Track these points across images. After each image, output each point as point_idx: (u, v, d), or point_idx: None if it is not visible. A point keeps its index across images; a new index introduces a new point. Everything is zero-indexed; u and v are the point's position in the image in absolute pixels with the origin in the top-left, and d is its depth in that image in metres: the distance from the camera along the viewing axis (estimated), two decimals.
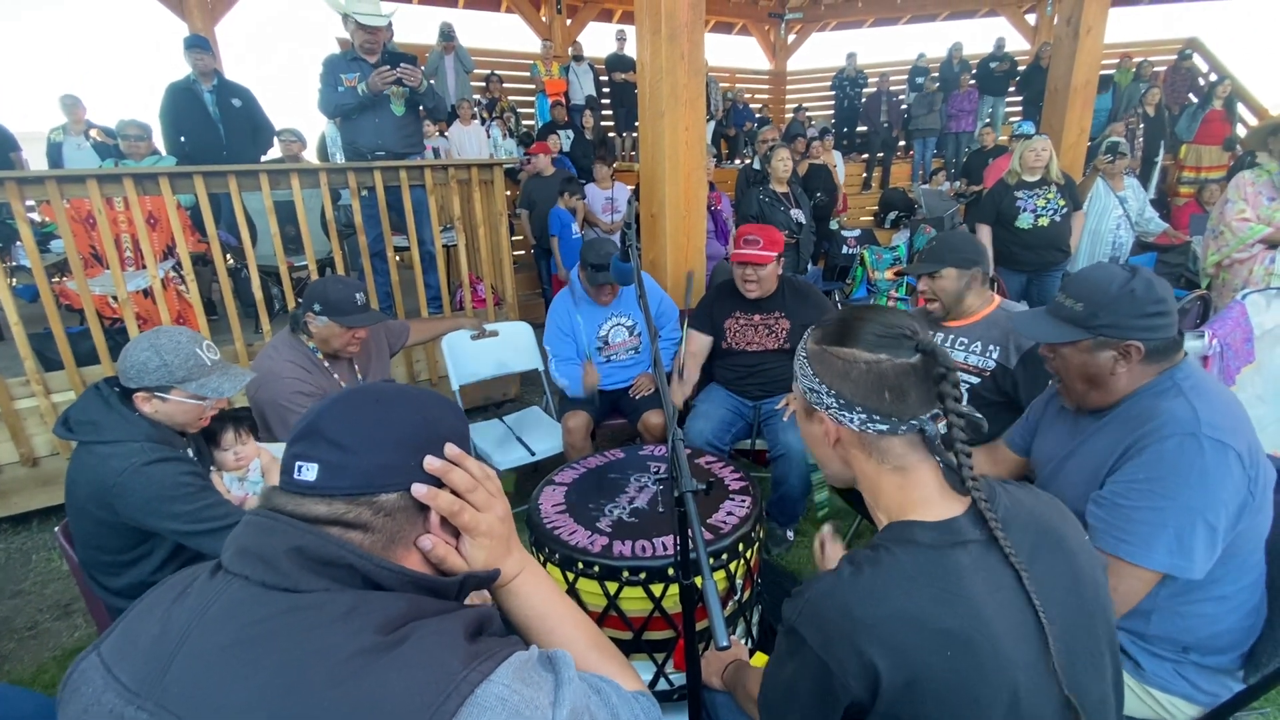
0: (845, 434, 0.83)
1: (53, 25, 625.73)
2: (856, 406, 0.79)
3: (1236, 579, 1.13)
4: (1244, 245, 2.98)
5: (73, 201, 3.08)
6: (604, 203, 5.54)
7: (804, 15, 10.38)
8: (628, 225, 1.40)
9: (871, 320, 0.81)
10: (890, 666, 0.69)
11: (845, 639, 0.71)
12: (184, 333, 1.52)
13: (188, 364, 1.48)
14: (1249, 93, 7.56)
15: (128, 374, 1.45)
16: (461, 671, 0.52)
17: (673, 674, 1.60)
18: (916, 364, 0.77)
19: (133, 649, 0.57)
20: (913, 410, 0.78)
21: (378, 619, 0.54)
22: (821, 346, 0.83)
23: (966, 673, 0.69)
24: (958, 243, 2.03)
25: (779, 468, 2.32)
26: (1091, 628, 0.78)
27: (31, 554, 2.71)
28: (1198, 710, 1.18)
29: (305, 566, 0.56)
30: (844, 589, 0.74)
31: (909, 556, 0.75)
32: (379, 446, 0.63)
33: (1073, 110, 4.06)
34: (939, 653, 0.69)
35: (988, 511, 0.76)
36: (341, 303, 2.01)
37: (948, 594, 0.71)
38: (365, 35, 3.41)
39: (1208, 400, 1.10)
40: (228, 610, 0.55)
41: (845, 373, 0.80)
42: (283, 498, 0.61)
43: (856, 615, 0.71)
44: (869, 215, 8.42)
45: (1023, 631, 0.72)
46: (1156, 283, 1.16)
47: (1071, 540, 0.80)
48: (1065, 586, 0.77)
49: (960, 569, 0.73)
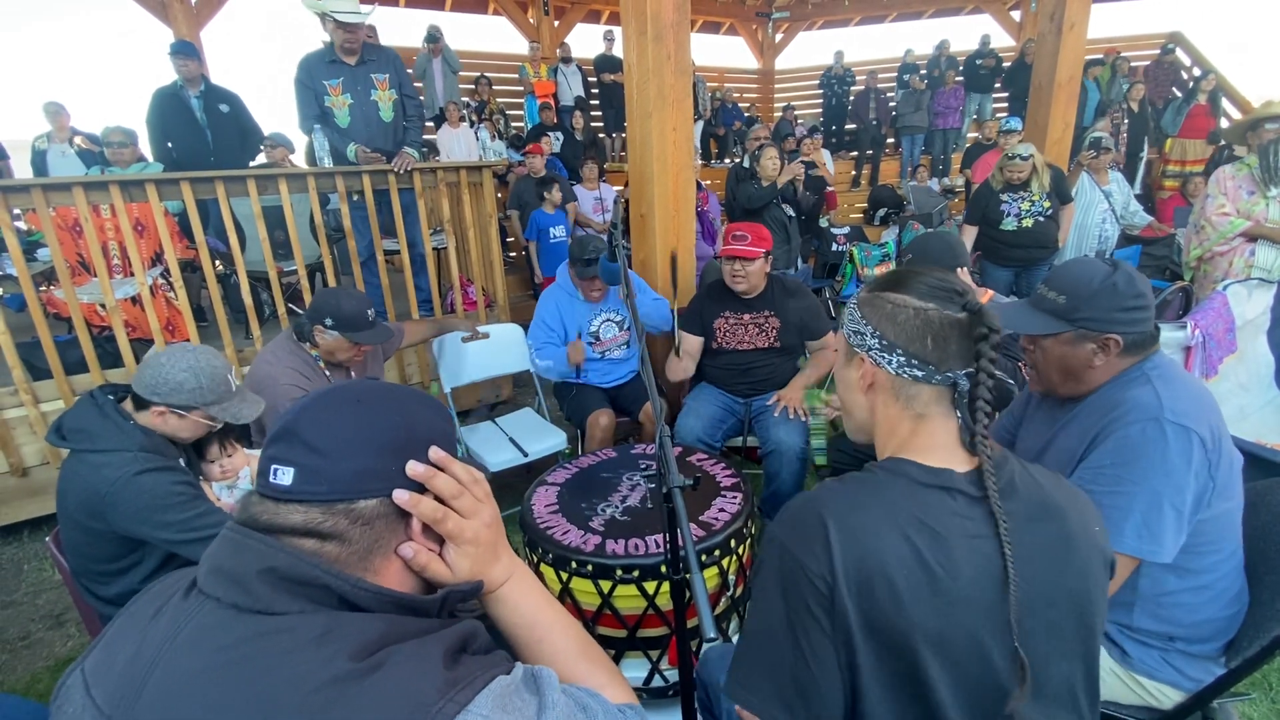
0: (881, 377, 0.85)
1: (36, 34, 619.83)
2: (898, 349, 0.82)
3: (1214, 568, 1.15)
4: (1225, 239, 3.02)
5: (59, 209, 3.06)
6: (593, 203, 5.55)
7: (791, 14, 10.40)
8: (614, 225, 1.41)
9: (926, 274, 0.84)
10: (847, 561, 0.72)
11: (815, 528, 0.74)
12: (218, 357, 1.54)
13: (219, 389, 1.51)
14: (1232, 86, 7.64)
15: (157, 389, 1.45)
16: (438, 702, 0.50)
17: (668, 670, 1.62)
18: (963, 320, 0.79)
19: (110, 669, 0.56)
20: (950, 363, 0.80)
21: (353, 644, 0.52)
22: (873, 293, 0.86)
23: (919, 592, 0.71)
24: (933, 250, 2.04)
25: (770, 464, 2.34)
26: (1067, 608, 0.78)
27: (23, 564, 2.70)
28: (1183, 695, 1.19)
29: (278, 587, 0.54)
30: (824, 494, 0.79)
31: (892, 481, 0.79)
32: (358, 451, 0.60)
33: (1057, 105, 4.09)
34: (897, 566, 0.72)
35: (989, 473, 0.77)
36: (354, 318, 2.02)
37: (923, 524, 0.74)
38: (345, 34, 3.33)
39: (1173, 387, 1.13)
40: (198, 635, 0.53)
41: (893, 316, 0.82)
42: (259, 505, 0.59)
43: (829, 509, 0.75)
44: (858, 213, 8.46)
45: (983, 579, 0.74)
46: (1137, 277, 1.18)
47: (1073, 524, 0.81)
48: (1050, 561, 0.78)
49: (942, 508, 0.76)
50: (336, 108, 3.44)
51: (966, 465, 0.81)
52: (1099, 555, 0.83)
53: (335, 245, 4.14)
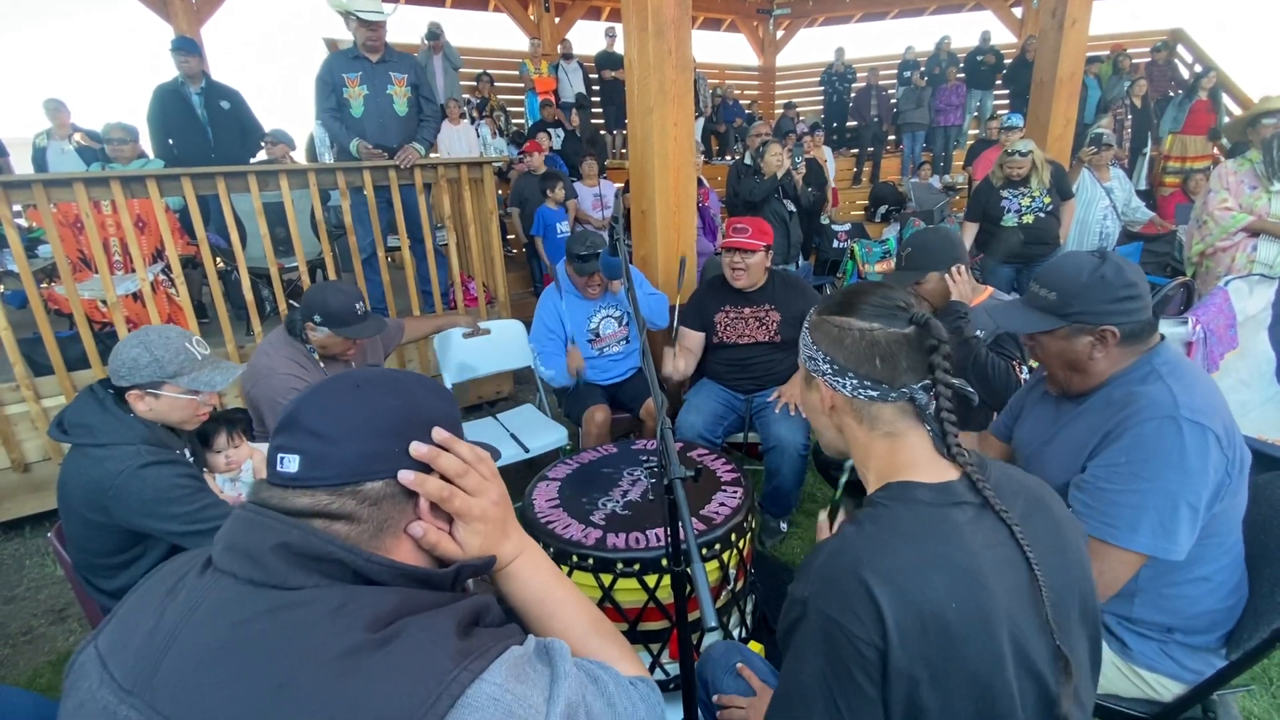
0: (839, 400, 0.86)
1: (37, 32, 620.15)
2: (849, 372, 0.83)
3: (1215, 560, 1.15)
4: (1227, 234, 3.02)
5: (60, 205, 3.06)
6: (593, 200, 5.55)
7: (792, 11, 10.38)
8: (615, 219, 1.41)
9: (869, 294, 0.85)
10: (899, 614, 0.70)
11: (856, 590, 0.71)
12: (173, 329, 1.52)
13: (178, 359, 1.47)
14: (1233, 83, 7.62)
15: (119, 372, 1.44)
16: (453, 671, 0.51)
17: (668, 664, 1.62)
18: (910, 334, 0.80)
19: (126, 644, 0.56)
20: (903, 379, 0.80)
21: (367, 616, 0.52)
22: (821, 316, 0.87)
23: (972, 621, 0.71)
24: (933, 246, 2.02)
25: (771, 460, 2.34)
26: (1074, 595, 0.80)
27: (25, 559, 2.70)
28: (1183, 688, 1.20)
29: (292, 562, 0.55)
30: (850, 546, 0.76)
31: (909, 512, 0.77)
32: (360, 434, 0.61)
33: (1059, 102, 4.08)
34: (946, 602, 0.70)
35: (978, 477, 0.78)
36: (342, 313, 2.02)
37: (951, 547, 0.73)
38: (368, 32, 3.41)
39: (1185, 383, 1.12)
40: (215, 610, 0.54)
41: (839, 339, 0.83)
42: (268, 491, 0.60)
43: (866, 564, 0.72)
44: (859, 209, 8.44)
45: (1017, 588, 0.74)
46: (1126, 267, 1.18)
47: (1056, 511, 0.83)
48: (1052, 552, 0.79)
49: (960, 525, 0.75)
50: (352, 98, 3.49)
51: (954, 473, 0.81)
52: (1081, 535, 0.85)
53: (336, 242, 4.14)
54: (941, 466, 0.82)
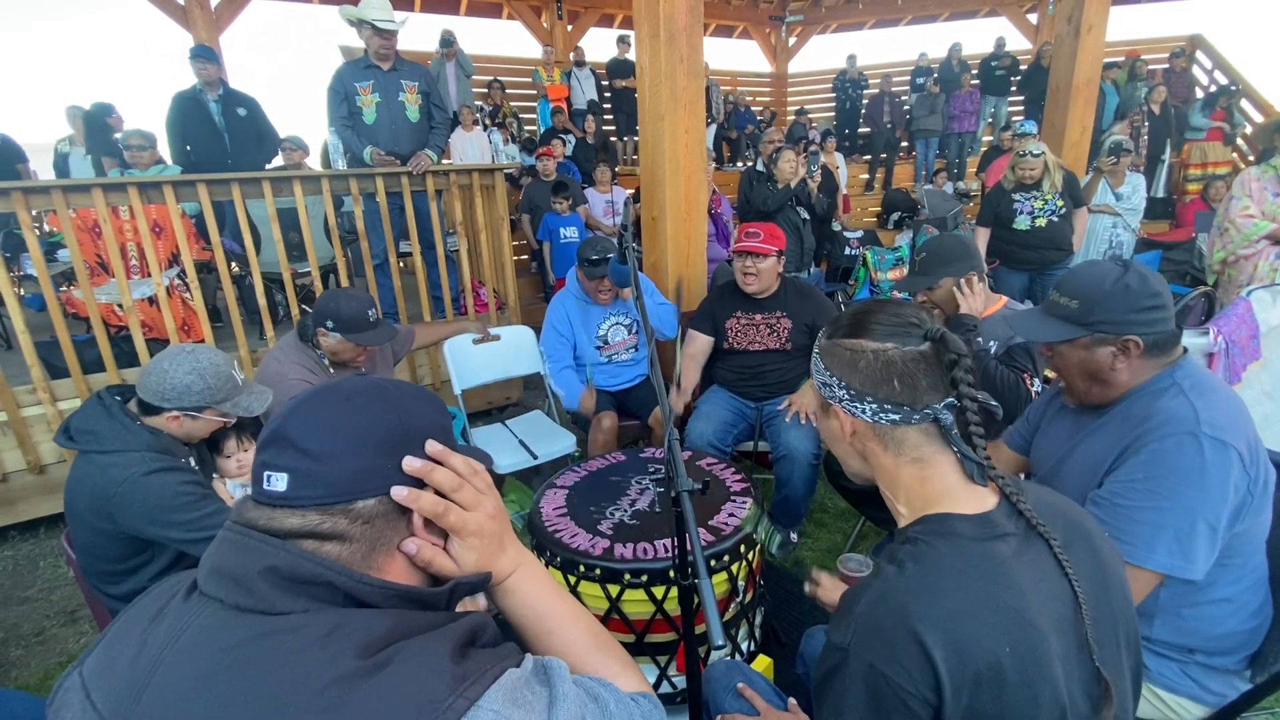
0: (860, 426, 0.82)
1: (58, 39, 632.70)
2: (867, 397, 0.79)
3: (1237, 580, 1.12)
4: (1249, 241, 2.96)
5: (79, 210, 3.10)
6: (604, 206, 5.56)
7: (804, 18, 10.38)
8: (624, 228, 1.40)
9: (879, 312, 0.81)
10: (954, 666, 0.66)
11: (905, 640, 0.67)
12: (217, 354, 1.56)
13: (226, 386, 1.52)
14: (1254, 89, 7.52)
15: (166, 395, 1.46)
16: (448, 698, 0.49)
17: (675, 676, 1.60)
18: (926, 351, 0.77)
19: (110, 672, 0.55)
20: (925, 398, 0.77)
21: (359, 641, 0.51)
22: (831, 340, 0.84)
23: (1028, 665, 0.67)
24: (947, 251, 2.01)
25: (781, 469, 2.32)
26: (1114, 625, 0.77)
27: (39, 560, 2.73)
28: (1205, 710, 1.16)
29: (280, 587, 0.53)
30: (895, 590, 0.71)
31: (951, 548, 0.73)
32: (351, 451, 0.58)
33: (1075, 109, 4.04)
34: (1000, 648, 0.67)
35: (1022, 504, 0.75)
36: (354, 320, 2.03)
37: (999, 586, 0.69)
38: (380, 41, 3.44)
39: (1208, 399, 1.09)
40: (200, 637, 0.52)
41: (853, 363, 0.80)
42: (255, 511, 0.58)
43: (915, 614, 0.68)
44: (872, 216, 8.39)
45: (1064, 624, 0.71)
46: (1150, 276, 1.15)
47: (1096, 536, 0.79)
48: (1094, 582, 0.76)
49: (1005, 560, 0.71)
50: (365, 106, 3.52)
51: (990, 499, 0.77)
52: (1120, 563, 0.81)
53: (349, 248, 4.17)
54: (976, 494, 0.78)
